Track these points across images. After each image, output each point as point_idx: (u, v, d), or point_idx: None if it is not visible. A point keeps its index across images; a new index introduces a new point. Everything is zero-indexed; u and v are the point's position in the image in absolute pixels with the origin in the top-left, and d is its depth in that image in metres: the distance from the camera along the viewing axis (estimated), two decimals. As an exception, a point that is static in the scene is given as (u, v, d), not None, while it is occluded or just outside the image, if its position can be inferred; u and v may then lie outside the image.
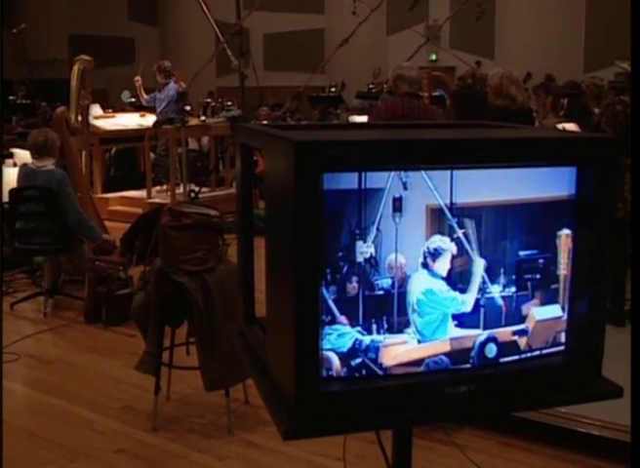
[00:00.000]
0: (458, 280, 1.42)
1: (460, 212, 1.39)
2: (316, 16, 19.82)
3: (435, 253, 1.39)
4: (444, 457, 3.35)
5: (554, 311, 1.49)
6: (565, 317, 1.50)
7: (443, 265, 1.40)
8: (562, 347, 1.51)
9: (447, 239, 1.40)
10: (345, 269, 1.34)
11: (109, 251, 5.73)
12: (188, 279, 3.56)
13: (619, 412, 2.58)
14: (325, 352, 1.35)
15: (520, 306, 1.47)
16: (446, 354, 1.43)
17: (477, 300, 1.44)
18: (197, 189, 9.03)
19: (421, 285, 1.40)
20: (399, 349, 1.40)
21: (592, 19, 17.31)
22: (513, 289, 1.46)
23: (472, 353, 1.45)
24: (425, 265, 1.39)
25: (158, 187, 9.88)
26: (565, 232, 1.46)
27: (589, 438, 3.39)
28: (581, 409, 3.16)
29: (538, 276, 1.46)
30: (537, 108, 7.72)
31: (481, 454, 3.30)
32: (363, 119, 7.89)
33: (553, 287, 1.48)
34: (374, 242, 1.35)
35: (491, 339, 1.46)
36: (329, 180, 1.30)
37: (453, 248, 1.40)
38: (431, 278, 1.40)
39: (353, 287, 1.35)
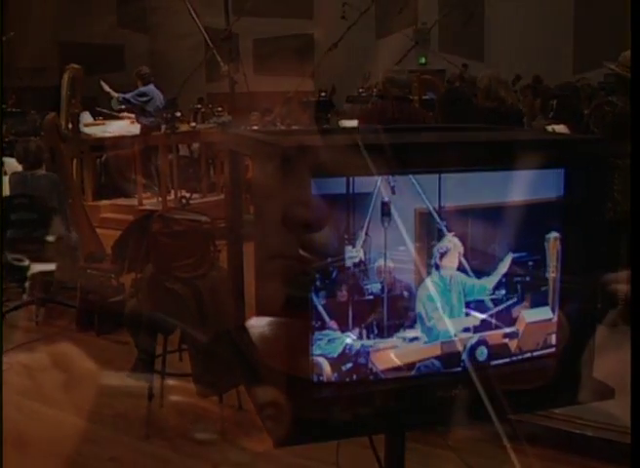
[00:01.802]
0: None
1: (449, 215, 1.39)
2: (305, 20, 19.81)
3: (442, 252, 1.39)
4: (439, 460, 3.34)
5: (544, 313, 1.49)
6: (555, 319, 1.50)
7: (451, 263, 1.40)
8: (553, 349, 1.51)
9: (455, 239, 1.39)
10: (335, 274, 1.34)
11: (101, 258, 5.72)
12: (180, 285, 3.55)
13: (612, 413, 2.58)
14: (315, 357, 1.35)
15: (510, 309, 1.47)
16: (437, 358, 1.43)
17: (467, 303, 1.44)
18: (188, 195, 9.01)
19: (429, 288, 1.40)
20: (390, 353, 1.40)
21: (581, 21, 17.35)
22: (503, 291, 1.46)
23: (463, 356, 1.45)
24: (436, 266, 1.39)
25: (149, 193, 9.86)
26: (553, 235, 1.46)
27: (584, 439, 3.39)
28: (575, 410, 3.16)
29: (527, 278, 1.46)
30: (524, 110, 7.74)
31: (476, 457, 3.29)
32: (353, 123, 7.88)
33: (543, 289, 1.48)
34: (362, 247, 1.35)
35: (481, 342, 1.45)
36: (317, 186, 1.29)
37: (459, 245, 1.40)
38: (437, 281, 1.40)
39: (343, 292, 1.35)
